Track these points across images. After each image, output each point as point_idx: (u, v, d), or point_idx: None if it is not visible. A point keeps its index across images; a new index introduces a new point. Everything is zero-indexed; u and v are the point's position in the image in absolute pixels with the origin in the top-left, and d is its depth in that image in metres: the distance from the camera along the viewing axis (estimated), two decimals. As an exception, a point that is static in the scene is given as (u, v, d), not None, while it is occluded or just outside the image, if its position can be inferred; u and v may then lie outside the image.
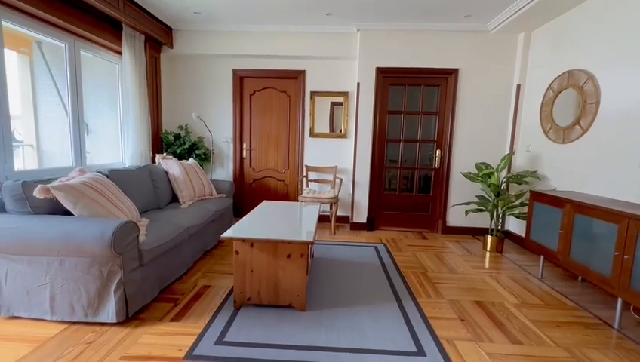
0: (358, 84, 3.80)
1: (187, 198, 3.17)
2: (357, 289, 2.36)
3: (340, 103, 4.12)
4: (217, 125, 4.25)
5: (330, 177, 4.17)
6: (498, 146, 3.78)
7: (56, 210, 1.88)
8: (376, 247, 3.34)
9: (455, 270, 2.80)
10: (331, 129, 4.17)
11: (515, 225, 3.66)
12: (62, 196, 1.78)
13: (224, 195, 3.58)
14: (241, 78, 4.19)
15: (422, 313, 2.05)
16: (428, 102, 3.91)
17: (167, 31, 3.85)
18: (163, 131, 3.99)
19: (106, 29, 3.13)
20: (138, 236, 1.89)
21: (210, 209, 3.05)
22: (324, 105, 4.14)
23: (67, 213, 1.89)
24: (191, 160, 3.58)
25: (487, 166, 3.40)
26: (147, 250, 1.94)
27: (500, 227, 3.39)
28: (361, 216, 3.98)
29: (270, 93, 4.23)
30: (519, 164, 3.61)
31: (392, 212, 4.04)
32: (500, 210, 3.28)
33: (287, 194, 4.38)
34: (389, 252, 3.21)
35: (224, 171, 4.35)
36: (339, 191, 3.89)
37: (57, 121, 3.17)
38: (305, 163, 4.23)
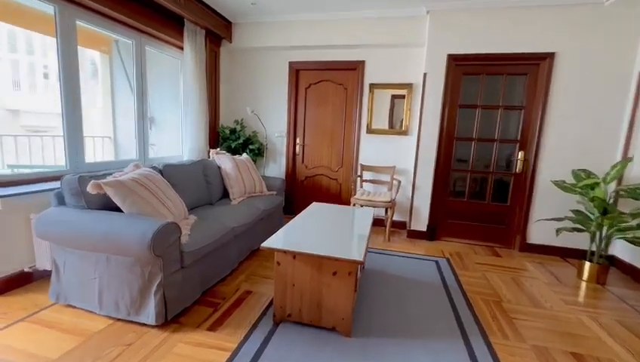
0: (425, 74, 3.34)
1: (237, 195, 3.12)
2: (412, 314, 2.02)
3: (402, 97, 3.70)
4: (272, 120, 4.17)
5: (386, 178, 3.81)
6: (605, 150, 3.00)
7: (110, 205, 1.90)
8: (437, 262, 2.92)
9: (540, 303, 2.26)
10: (391, 125, 3.78)
11: (624, 251, 2.89)
12: (112, 192, 1.78)
13: (274, 193, 3.48)
14: (296, 71, 4.02)
15: (496, 359, 1.64)
16: (511, 94, 3.28)
17: (227, 25, 3.84)
18: (220, 126, 4.03)
19: (170, 25, 3.20)
20: (180, 237, 1.82)
21: (259, 207, 2.95)
22: (383, 98, 3.76)
23: (120, 209, 1.90)
24: (244, 155, 3.54)
25: (589, 174, 2.71)
26: (189, 252, 1.86)
27: (603, 252, 2.69)
28: (420, 223, 3.56)
29: (326, 86, 3.99)
30: (636, 174, 2.82)
31: (458, 221, 3.53)
32: (605, 232, 2.59)
33: (340, 194, 4.13)
34: (452, 269, 2.77)
35: (277, 167, 4.27)
36: (396, 195, 3.52)
37: (130, 115, 3.36)
38: (360, 161, 3.92)
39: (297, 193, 4.29)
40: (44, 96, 9.86)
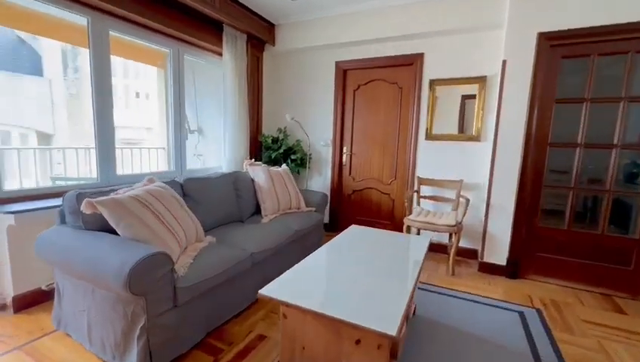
0: (504, 62, 2.58)
1: (270, 211, 2.78)
2: (484, 408, 1.35)
3: (472, 96, 2.96)
4: (317, 127, 3.78)
5: (451, 194, 3.08)
6: None
7: (110, 226, 1.68)
8: (522, 314, 2.12)
9: None
10: (458, 128, 3.05)
11: None
12: (106, 213, 1.56)
13: (313, 209, 3.05)
14: (344, 72, 3.58)
15: None
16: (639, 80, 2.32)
17: (270, 27, 3.60)
18: (262, 135, 3.79)
19: (208, 31, 3.06)
20: (173, 270, 1.49)
21: (291, 227, 2.55)
22: (447, 96, 3.07)
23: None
24: (283, 166, 3.20)
25: None
26: (185, 287, 1.53)
27: None
28: (497, 253, 2.74)
29: (377, 86, 3.46)
30: None
31: (554, 255, 2.62)
32: None
33: (392, 211, 3.51)
34: (546, 328, 1.96)
35: (321, 179, 3.85)
36: (463, 216, 2.78)
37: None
38: (417, 173, 3.26)
39: (344, 209, 3.80)
40: (129, 112, 11.16)
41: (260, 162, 3.13)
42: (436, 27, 2.90)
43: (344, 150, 3.71)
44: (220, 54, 3.25)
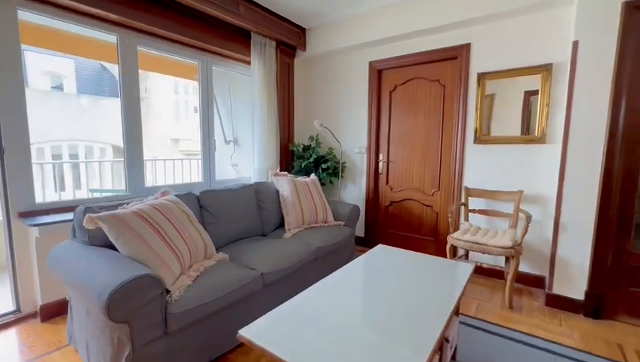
0: (576, 44, 2.06)
1: (293, 225, 2.59)
2: None
3: (534, 90, 2.44)
4: (351, 133, 3.52)
5: (507, 208, 2.56)
6: None
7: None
8: (609, 372, 1.59)
9: None
10: (516, 129, 2.55)
11: None
12: (106, 228, 1.50)
13: (342, 223, 2.78)
14: (378, 72, 3.28)
15: None
16: None
17: (300, 32, 3.47)
18: (294, 143, 3.64)
19: (236, 40, 3.02)
20: (162, 294, 1.36)
21: (312, 244, 2.32)
22: (499, 92, 2.59)
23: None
24: (312, 176, 3.00)
25: None
26: (178, 313, 1.39)
27: None
28: (571, 284, 2.17)
29: (416, 85, 3.09)
30: None
31: (656, 291, 1.98)
32: None
33: (437, 226, 3.07)
34: (648, 398, 1.42)
35: (356, 189, 3.56)
36: (523, 236, 2.26)
37: (218, 138, 3.37)
38: (464, 183, 2.80)
39: (380, 221, 3.45)
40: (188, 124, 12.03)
41: (285, 172, 2.97)
42: (485, 11, 2.47)
43: (380, 157, 3.38)
44: (249, 63, 3.20)
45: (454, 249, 2.44)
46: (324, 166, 3.38)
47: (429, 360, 0.96)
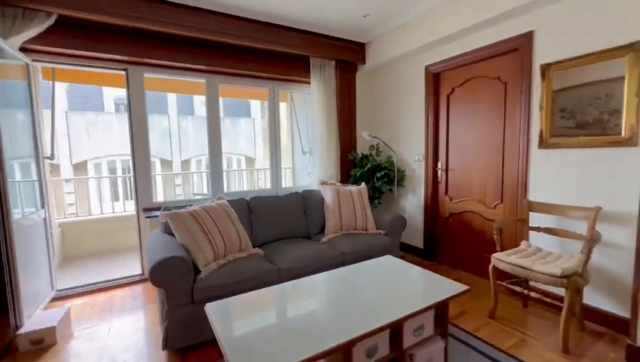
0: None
1: (331, 230, 2.80)
2: None
3: (616, 78, 1.90)
4: (409, 141, 3.44)
5: (579, 226, 2.04)
6: None
7: (180, 231, 2.27)
8: None
9: None
10: (594, 129, 2.03)
11: None
12: (169, 222, 2.14)
13: (382, 232, 2.81)
14: (435, 76, 3.12)
15: None
16: None
17: (359, 48, 3.65)
18: (356, 153, 3.82)
19: (297, 66, 3.46)
20: (188, 273, 1.86)
21: (339, 249, 2.49)
22: (571, 83, 2.10)
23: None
24: (362, 185, 3.13)
25: None
26: (201, 288, 1.87)
27: None
28: (666, 338, 1.59)
29: (475, 85, 2.80)
30: None
31: None
32: None
33: (501, 243, 2.67)
34: None
35: (416, 198, 3.44)
36: (585, 263, 1.80)
37: (298, 150, 4.01)
38: (528, 196, 2.37)
39: (440, 234, 3.23)
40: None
41: (333, 181, 3.21)
42: (543, -8, 2.09)
43: (438, 165, 3.18)
44: (309, 83, 3.60)
45: (497, 270, 2.13)
46: (378, 174, 3.43)
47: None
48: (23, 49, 2.35)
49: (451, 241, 3.11)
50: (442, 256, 3.21)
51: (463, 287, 1.52)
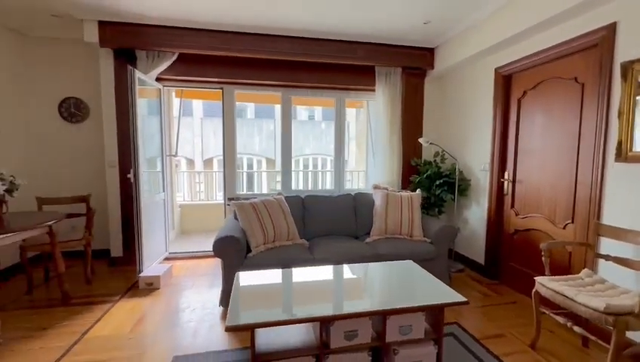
0: None
1: (376, 232, 2.93)
2: None
3: None
4: (476, 149, 3.24)
5: (661, 262, 1.66)
6: None
7: (245, 218, 2.83)
8: None
9: None
10: (685, 141, 1.62)
11: None
12: (236, 210, 2.71)
13: (427, 240, 2.78)
14: (505, 79, 2.86)
15: None
16: None
17: (427, 53, 3.60)
18: (415, 159, 3.78)
19: (362, 75, 3.68)
20: (239, 250, 2.36)
21: (376, 251, 2.63)
22: (660, 85, 1.72)
23: (246, 221, 2.79)
24: (417, 191, 3.15)
25: None
26: (248, 264, 2.35)
27: None
28: None
29: (549, 87, 2.48)
30: None
31: None
32: None
33: (569, 269, 2.31)
34: None
35: (479, 210, 3.20)
36: (655, 305, 1.48)
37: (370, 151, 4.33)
38: (602, 217, 2.01)
39: (504, 251, 2.94)
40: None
41: (386, 186, 3.30)
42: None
43: (505, 176, 2.90)
44: (375, 90, 3.76)
45: (538, 296, 1.92)
46: (438, 182, 3.34)
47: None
48: (157, 78, 3.32)
49: (515, 260, 2.81)
50: (504, 275, 2.92)
51: (459, 298, 1.52)
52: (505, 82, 2.87)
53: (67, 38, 3.32)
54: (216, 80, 3.47)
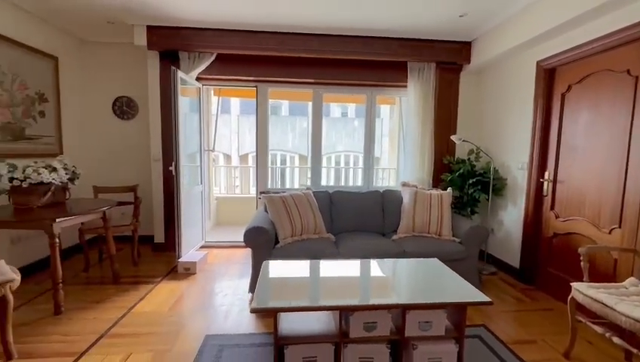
0: None
1: (403, 230, 2.92)
2: None
3: None
4: (513, 146, 3.08)
5: None
6: None
7: (274, 210, 2.95)
8: None
9: None
10: None
11: None
12: (266, 203, 2.84)
13: (456, 240, 2.71)
14: (547, 72, 2.69)
15: None
16: None
17: (463, 47, 3.47)
18: (447, 157, 3.66)
19: (394, 71, 3.63)
20: (268, 241, 2.47)
21: (401, 248, 2.61)
22: None
23: (276, 214, 2.91)
24: (448, 190, 3.07)
25: None
26: (276, 254, 2.46)
27: None
28: None
29: (597, 80, 2.30)
30: None
31: None
32: None
33: (614, 274, 2.15)
34: None
35: (515, 211, 3.05)
36: None
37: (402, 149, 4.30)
38: (653, 221, 1.85)
39: (542, 255, 2.78)
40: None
41: (416, 183, 3.25)
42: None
43: (545, 175, 2.74)
44: (407, 86, 3.69)
45: (575, 303, 1.81)
46: (470, 181, 3.22)
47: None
48: (197, 78, 3.55)
49: (554, 266, 2.65)
50: (541, 280, 2.77)
51: (482, 298, 1.49)
52: (548, 76, 2.69)
53: (119, 43, 3.65)
54: (250, 78, 3.63)
